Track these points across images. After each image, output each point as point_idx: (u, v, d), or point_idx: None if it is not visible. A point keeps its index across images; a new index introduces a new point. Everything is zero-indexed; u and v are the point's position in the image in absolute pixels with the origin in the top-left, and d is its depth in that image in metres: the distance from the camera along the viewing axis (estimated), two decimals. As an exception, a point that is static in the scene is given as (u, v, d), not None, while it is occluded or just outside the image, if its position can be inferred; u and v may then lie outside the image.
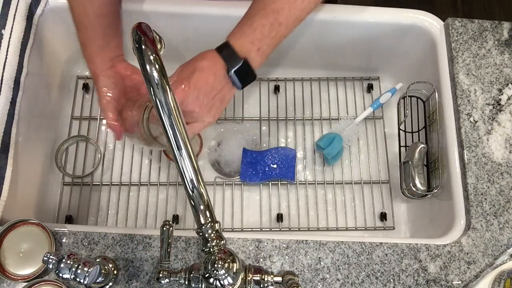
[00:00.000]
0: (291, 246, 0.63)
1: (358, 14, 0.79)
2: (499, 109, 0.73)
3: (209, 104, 0.59)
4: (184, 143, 0.46)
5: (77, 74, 0.90)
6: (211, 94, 0.58)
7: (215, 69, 0.58)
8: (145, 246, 0.63)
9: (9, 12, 0.70)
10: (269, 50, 0.61)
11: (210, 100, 0.59)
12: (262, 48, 0.60)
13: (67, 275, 0.51)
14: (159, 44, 0.48)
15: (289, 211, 0.84)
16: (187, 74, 0.57)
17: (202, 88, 0.57)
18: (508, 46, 0.76)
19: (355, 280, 0.62)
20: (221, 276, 0.46)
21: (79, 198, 0.82)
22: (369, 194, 0.86)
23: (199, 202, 0.47)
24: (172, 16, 0.78)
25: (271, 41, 0.60)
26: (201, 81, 0.57)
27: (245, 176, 0.83)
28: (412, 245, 0.64)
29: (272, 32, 0.60)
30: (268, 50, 0.61)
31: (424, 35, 0.80)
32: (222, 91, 0.59)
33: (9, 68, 0.68)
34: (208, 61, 0.58)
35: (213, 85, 0.58)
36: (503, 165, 0.69)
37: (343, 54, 0.88)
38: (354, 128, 0.85)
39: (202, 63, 0.58)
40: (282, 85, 0.92)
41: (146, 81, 0.45)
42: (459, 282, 0.63)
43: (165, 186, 0.84)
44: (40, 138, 0.81)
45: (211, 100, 0.59)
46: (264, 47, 0.60)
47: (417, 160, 0.77)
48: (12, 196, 0.68)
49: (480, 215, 0.66)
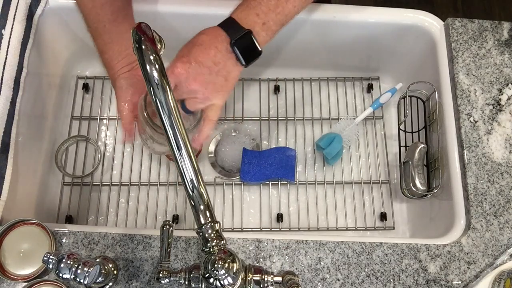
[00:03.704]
0: (291, 246, 0.63)
1: (358, 14, 0.79)
2: (499, 109, 0.73)
3: (213, 81, 0.56)
4: (184, 143, 0.46)
5: (77, 74, 0.90)
6: (214, 69, 0.55)
7: (216, 42, 0.55)
8: (145, 246, 0.63)
9: (9, 12, 0.70)
10: (275, 27, 0.58)
11: (213, 76, 0.56)
12: (268, 23, 0.57)
13: (67, 275, 0.51)
14: (159, 44, 0.48)
15: (289, 211, 0.84)
16: (186, 51, 0.55)
17: (203, 62, 0.55)
18: (508, 46, 0.76)
19: (355, 280, 0.62)
20: (221, 276, 0.46)
21: (79, 198, 0.82)
22: (369, 194, 0.86)
23: (199, 202, 0.47)
24: (172, 16, 0.78)
25: (276, 16, 0.58)
26: (201, 55, 0.55)
27: (245, 176, 0.83)
28: (412, 245, 0.64)
29: (278, 8, 0.57)
30: (274, 27, 0.58)
31: (424, 35, 0.80)
32: (225, 67, 0.56)
33: (9, 68, 0.68)
34: (208, 35, 0.56)
35: (215, 59, 0.55)
36: (503, 165, 0.69)
37: (343, 54, 0.88)
38: (354, 128, 0.85)
39: (201, 37, 0.56)
40: (282, 85, 0.92)
41: (146, 81, 0.45)
42: (459, 282, 0.63)
43: (165, 186, 0.84)
44: (40, 138, 0.81)
45: (215, 76, 0.56)
46: (270, 23, 0.57)
47: (417, 160, 0.77)
48: (12, 196, 0.68)
49: (480, 215, 0.66)
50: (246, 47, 0.56)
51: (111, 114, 0.88)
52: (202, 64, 0.55)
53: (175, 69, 0.54)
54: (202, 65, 0.55)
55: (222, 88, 0.58)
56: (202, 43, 0.55)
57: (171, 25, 0.79)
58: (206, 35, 0.56)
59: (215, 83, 0.57)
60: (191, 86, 0.55)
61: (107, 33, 0.66)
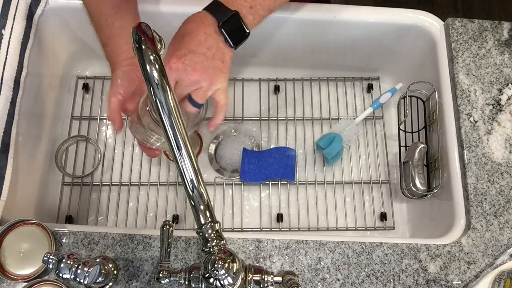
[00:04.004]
0: (291, 246, 0.63)
1: (358, 14, 0.79)
2: (499, 109, 0.73)
3: (211, 66, 0.56)
4: (184, 143, 0.46)
5: (77, 74, 0.90)
6: (209, 54, 0.55)
7: (204, 27, 0.55)
8: (145, 246, 0.63)
9: (9, 12, 0.70)
10: (262, 11, 0.58)
11: (210, 60, 0.55)
12: (255, 7, 0.57)
13: (67, 275, 0.51)
14: (159, 44, 0.48)
15: (289, 211, 0.84)
16: (177, 43, 0.55)
17: (196, 50, 0.54)
18: (508, 46, 0.76)
19: (355, 280, 0.62)
20: (221, 276, 0.46)
21: (79, 198, 0.83)
22: (369, 194, 0.86)
23: (199, 202, 0.47)
24: (172, 16, 0.78)
25: (264, 1, 0.58)
26: (193, 44, 0.54)
27: (245, 176, 0.83)
28: (412, 245, 0.64)
29: None
30: (261, 11, 0.58)
31: (424, 35, 0.80)
32: (219, 49, 0.56)
33: (9, 68, 0.68)
34: (194, 22, 0.56)
35: (207, 44, 0.55)
36: (503, 165, 0.69)
37: (343, 54, 0.88)
38: (354, 128, 0.85)
39: (188, 26, 0.56)
40: (282, 85, 0.92)
41: (146, 81, 0.45)
42: (459, 282, 0.63)
43: (165, 186, 0.84)
44: (40, 138, 0.81)
45: (212, 60, 0.55)
46: (257, 7, 0.57)
47: (417, 160, 0.77)
48: (12, 196, 0.68)
49: (480, 215, 0.66)
50: (234, 28, 0.56)
51: (111, 114, 0.88)
52: (196, 52, 0.54)
53: (172, 65, 0.54)
54: (196, 53, 0.54)
55: (221, 70, 0.57)
56: (190, 32, 0.55)
57: (171, 25, 0.78)
58: (192, 23, 0.56)
59: (214, 67, 0.56)
60: (193, 77, 0.55)
61: (109, 27, 0.66)
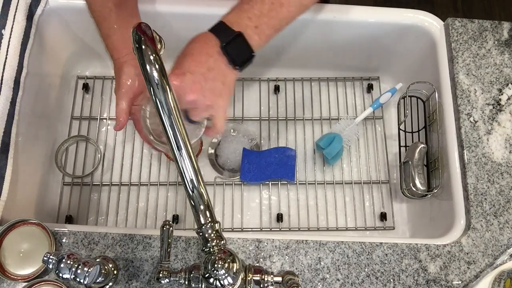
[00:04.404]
0: (291, 246, 0.63)
1: (358, 14, 0.79)
2: (499, 109, 0.73)
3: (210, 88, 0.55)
4: (184, 143, 0.46)
5: (77, 74, 0.90)
6: (209, 75, 0.54)
7: (206, 48, 0.55)
8: (145, 246, 0.63)
9: (9, 12, 0.70)
10: (268, 31, 0.57)
11: (210, 83, 0.55)
12: (261, 26, 0.56)
13: (67, 275, 0.51)
14: (159, 44, 0.48)
15: (289, 211, 0.84)
16: (179, 63, 0.55)
17: (196, 70, 0.54)
18: (508, 46, 0.76)
19: (355, 280, 0.62)
20: (221, 276, 0.46)
21: (79, 198, 0.82)
22: (369, 194, 0.86)
23: (199, 202, 0.47)
24: (172, 16, 0.78)
25: (270, 20, 0.56)
26: (193, 64, 0.54)
27: (245, 176, 0.83)
28: (412, 245, 0.64)
29: (272, 12, 0.56)
30: (267, 31, 0.57)
31: (424, 35, 0.80)
32: (220, 72, 0.56)
33: (9, 68, 0.68)
34: (198, 42, 0.56)
35: (208, 65, 0.54)
36: (503, 165, 0.69)
37: (343, 54, 0.88)
38: (354, 128, 0.85)
39: (191, 46, 0.56)
40: (282, 85, 0.92)
41: (146, 81, 0.45)
42: (459, 282, 0.63)
43: (165, 186, 0.84)
44: (40, 138, 0.81)
45: (211, 82, 0.55)
46: (263, 26, 0.56)
47: (417, 160, 0.77)
48: (12, 196, 0.68)
49: (480, 215, 0.66)
50: (238, 49, 0.56)
51: (111, 114, 0.88)
52: (196, 72, 0.54)
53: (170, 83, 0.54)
54: (195, 73, 0.54)
55: (221, 93, 0.57)
56: (193, 52, 0.55)
57: (171, 25, 0.79)
58: (196, 43, 0.56)
59: (213, 89, 0.56)
60: (189, 97, 0.54)
61: (113, 16, 0.65)
